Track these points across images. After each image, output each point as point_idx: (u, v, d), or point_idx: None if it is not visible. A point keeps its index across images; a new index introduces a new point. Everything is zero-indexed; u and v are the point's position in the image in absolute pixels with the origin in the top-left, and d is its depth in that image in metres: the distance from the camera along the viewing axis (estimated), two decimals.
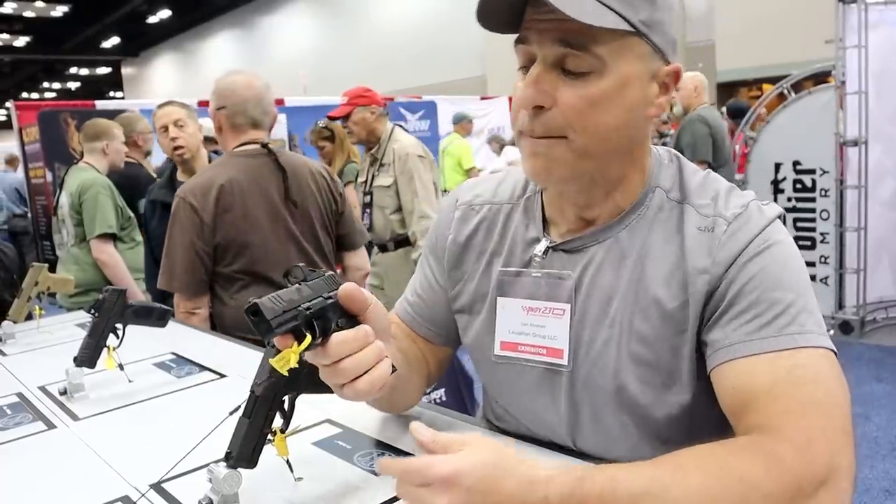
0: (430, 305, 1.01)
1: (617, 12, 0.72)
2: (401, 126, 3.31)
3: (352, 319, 0.72)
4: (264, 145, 1.95)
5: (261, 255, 1.87)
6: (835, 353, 0.72)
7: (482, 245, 0.95)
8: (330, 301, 0.70)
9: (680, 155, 0.89)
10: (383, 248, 3.22)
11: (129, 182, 3.15)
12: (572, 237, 0.86)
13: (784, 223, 0.82)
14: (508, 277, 0.91)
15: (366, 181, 3.23)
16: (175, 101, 2.74)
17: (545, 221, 0.90)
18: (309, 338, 0.66)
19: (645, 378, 0.81)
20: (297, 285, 0.70)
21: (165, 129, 2.60)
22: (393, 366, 0.73)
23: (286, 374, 0.67)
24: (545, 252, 0.87)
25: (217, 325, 1.91)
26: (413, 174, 3.04)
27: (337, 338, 0.67)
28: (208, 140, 2.88)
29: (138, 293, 2.94)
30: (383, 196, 3.14)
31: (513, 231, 0.93)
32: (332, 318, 0.69)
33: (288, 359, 0.66)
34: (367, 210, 3.23)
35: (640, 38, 0.75)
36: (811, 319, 0.73)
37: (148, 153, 3.48)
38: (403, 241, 3.16)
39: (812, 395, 0.67)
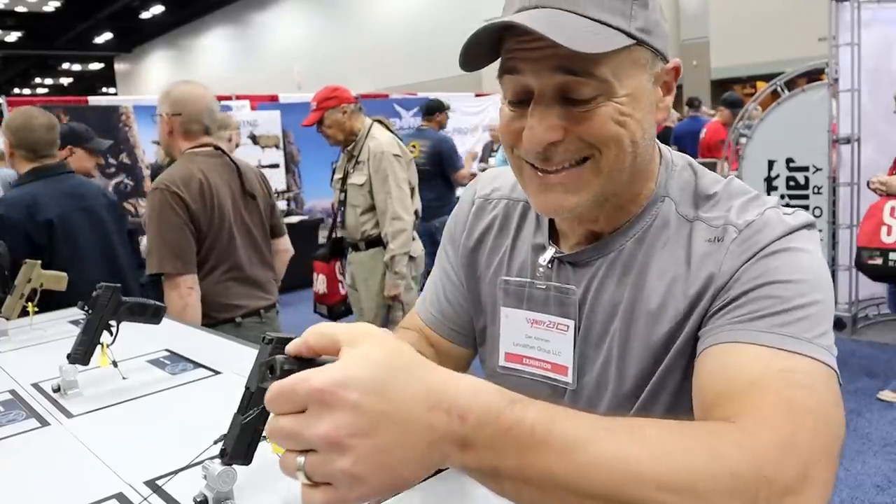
0: (452, 301, 0.96)
1: (614, 27, 0.67)
2: (381, 122, 3.22)
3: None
4: (216, 147, 2.18)
5: (225, 243, 2.12)
6: (837, 377, 0.63)
7: (494, 244, 0.91)
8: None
9: (695, 163, 0.82)
10: (355, 248, 3.19)
11: None
12: (579, 250, 0.81)
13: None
14: (512, 287, 0.87)
15: (342, 178, 3.18)
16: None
17: (554, 229, 0.86)
18: None
19: (647, 400, 0.75)
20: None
21: None
22: None
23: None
24: (550, 262, 0.83)
25: None
26: (388, 173, 2.98)
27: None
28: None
29: None
30: (356, 194, 3.09)
31: (524, 234, 0.89)
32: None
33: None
34: (341, 207, 3.19)
35: (640, 47, 0.70)
36: (816, 329, 0.64)
37: (237, 145, 4.04)
38: (374, 242, 3.12)
39: (804, 400, 0.58)
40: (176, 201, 1.99)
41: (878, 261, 3.39)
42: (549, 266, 0.83)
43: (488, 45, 0.71)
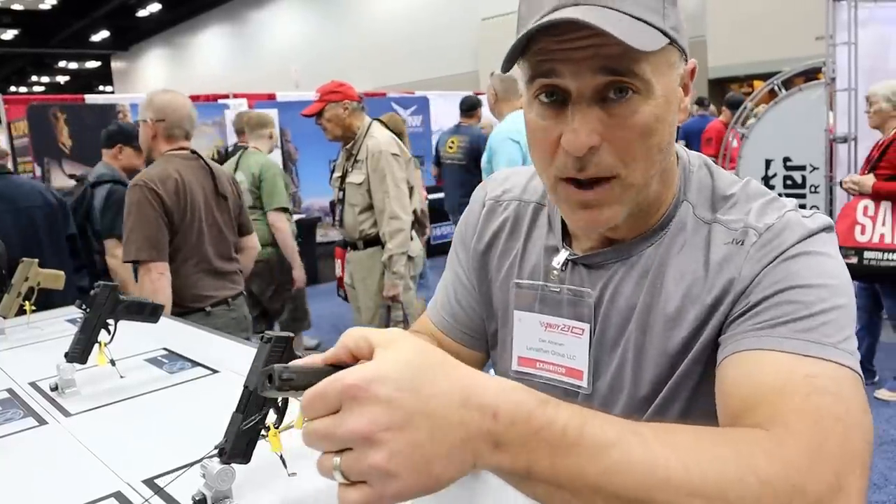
0: (464, 305, 0.95)
1: (653, 25, 0.66)
2: (380, 121, 3.24)
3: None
4: (193, 151, 2.38)
5: (196, 238, 2.31)
6: (862, 381, 0.62)
7: (505, 246, 0.90)
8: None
9: (711, 163, 0.81)
10: (353, 247, 3.20)
11: None
12: (594, 252, 0.80)
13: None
14: (525, 290, 0.86)
15: (341, 176, 3.19)
16: None
17: (567, 231, 0.84)
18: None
19: (661, 405, 0.75)
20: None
21: None
22: None
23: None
24: (564, 265, 0.81)
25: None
26: (385, 173, 2.98)
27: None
28: None
29: (297, 256, 3.80)
30: (354, 193, 3.10)
31: (536, 236, 0.87)
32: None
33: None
34: (340, 206, 3.20)
35: (672, 46, 0.68)
36: (840, 334, 0.63)
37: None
38: (372, 241, 3.12)
39: (831, 407, 0.56)
40: (153, 196, 2.19)
41: (854, 259, 3.42)
42: (563, 268, 0.82)
43: (524, 44, 0.67)
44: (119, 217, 2.97)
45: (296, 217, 6.91)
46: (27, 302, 1.75)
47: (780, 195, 0.76)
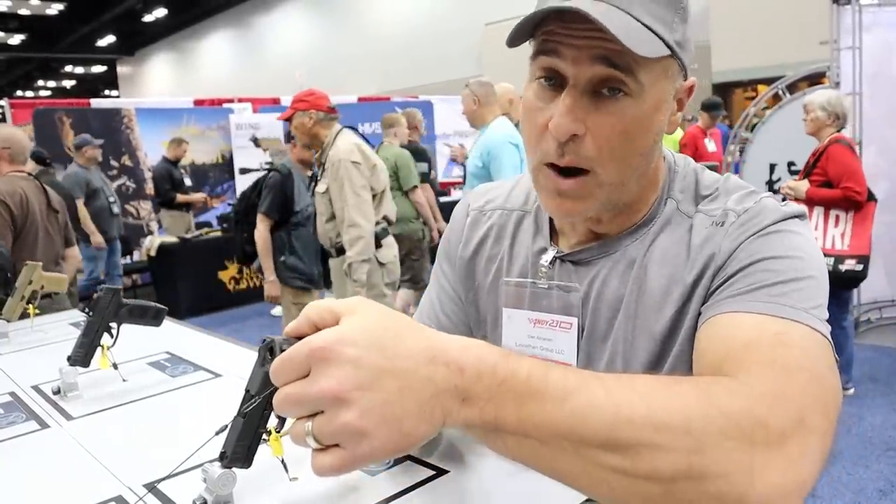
0: (450, 315, 0.96)
1: (658, 34, 0.68)
2: (352, 129, 3.25)
3: None
4: (29, 173, 3.07)
5: (32, 244, 2.85)
6: (832, 349, 0.64)
7: (491, 252, 0.92)
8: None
9: (694, 162, 0.85)
10: (330, 255, 3.26)
11: (412, 154, 4.81)
12: (581, 248, 0.83)
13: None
14: (513, 288, 0.88)
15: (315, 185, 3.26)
16: None
17: (554, 231, 0.87)
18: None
19: None
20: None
21: None
22: None
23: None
24: (552, 262, 0.84)
25: None
26: (344, 182, 2.99)
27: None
28: None
29: (432, 220, 4.82)
30: (320, 202, 3.14)
31: (521, 239, 0.90)
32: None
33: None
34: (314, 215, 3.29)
35: (673, 59, 0.72)
36: (811, 302, 0.65)
37: (421, 136, 5.56)
38: (343, 249, 3.14)
39: (798, 360, 0.58)
40: (2, 207, 2.76)
41: None
42: (551, 266, 0.84)
43: (530, 25, 0.70)
44: (268, 197, 3.67)
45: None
46: (30, 305, 1.75)
47: (784, 200, 0.78)
